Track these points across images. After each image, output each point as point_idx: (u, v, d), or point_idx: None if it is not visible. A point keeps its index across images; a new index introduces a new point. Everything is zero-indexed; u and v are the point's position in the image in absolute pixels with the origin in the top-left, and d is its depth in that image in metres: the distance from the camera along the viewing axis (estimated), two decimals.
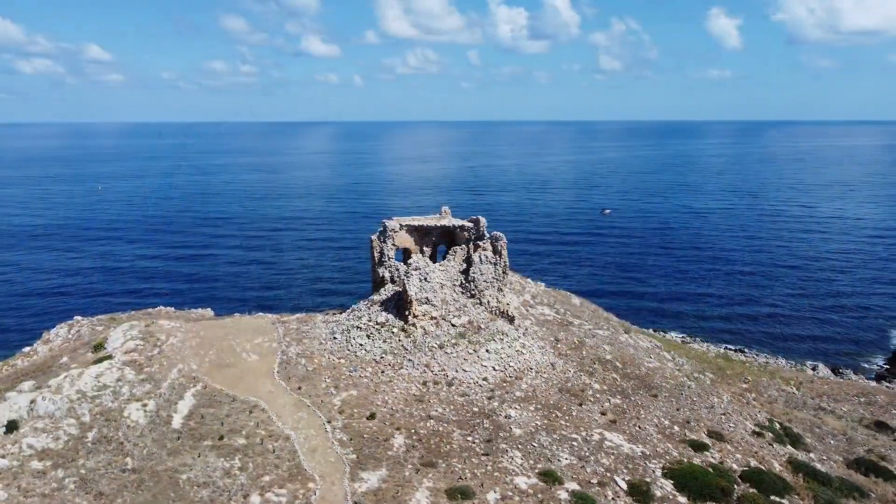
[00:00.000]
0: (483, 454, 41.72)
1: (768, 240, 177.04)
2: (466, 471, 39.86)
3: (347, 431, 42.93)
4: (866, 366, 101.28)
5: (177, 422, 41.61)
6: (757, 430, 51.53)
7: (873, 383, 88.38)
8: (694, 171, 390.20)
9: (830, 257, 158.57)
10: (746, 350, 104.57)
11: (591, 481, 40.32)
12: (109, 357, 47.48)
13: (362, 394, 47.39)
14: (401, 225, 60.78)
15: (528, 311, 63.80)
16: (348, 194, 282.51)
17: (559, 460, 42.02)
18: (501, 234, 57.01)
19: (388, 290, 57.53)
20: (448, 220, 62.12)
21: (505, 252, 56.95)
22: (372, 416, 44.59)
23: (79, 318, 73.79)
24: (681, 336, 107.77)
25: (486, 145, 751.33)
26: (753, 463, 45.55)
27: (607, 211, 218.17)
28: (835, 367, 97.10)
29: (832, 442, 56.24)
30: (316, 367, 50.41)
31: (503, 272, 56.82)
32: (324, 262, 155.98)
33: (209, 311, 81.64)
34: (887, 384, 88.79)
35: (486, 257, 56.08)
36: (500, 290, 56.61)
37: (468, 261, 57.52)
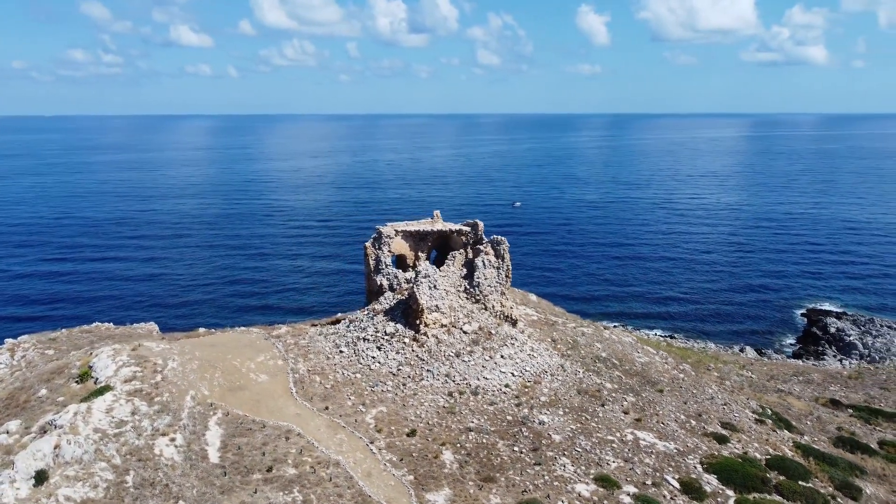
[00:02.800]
0: (535, 464, 41.41)
1: (666, 233, 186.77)
2: (527, 483, 39.44)
3: (394, 451, 41.26)
4: (781, 346, 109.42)
5: (214, 455, 38.27)
6: (757, 417, 54.40)
7: (800, 362, 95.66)
8: (582, 163, 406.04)
9: (725, 245, 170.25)
10: (677, 336, 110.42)
11: (646, 482, 41.04)
12: (110, 388, 42.80)
13: (392, 409, 45.66)
14: (396, 231, 58.95)
15: None
16: (241, 194, 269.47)
17: (608, 464, 42.46)
18: (503, 238, 56.64)
19: (389, 299, 55.67)
20: (442, 225, 60.96)
21: (507, 256, 56.64)
22: (412, 433, 43.08)
23: (11, 340, 66.37)
24: (613, 326, 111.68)
25: (373, 139, 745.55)
26: (771, 451, 48.08)
27: (518, 204, 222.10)
28: (758, 349, 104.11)
29: (809, 423, 60.37)
30: (333, 385, 48.01)
31: (506, 276, 56.51)
32: (233, 272, 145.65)
33: (154, 326, 75.69)
34: (812, 362, 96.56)
35: (489, 262, 55.57)
36: (502, 294, 56.31)
37: (469, 265, 56.74)
